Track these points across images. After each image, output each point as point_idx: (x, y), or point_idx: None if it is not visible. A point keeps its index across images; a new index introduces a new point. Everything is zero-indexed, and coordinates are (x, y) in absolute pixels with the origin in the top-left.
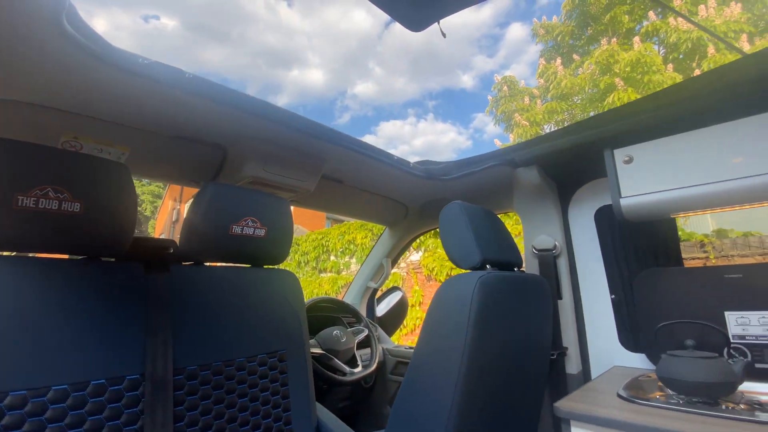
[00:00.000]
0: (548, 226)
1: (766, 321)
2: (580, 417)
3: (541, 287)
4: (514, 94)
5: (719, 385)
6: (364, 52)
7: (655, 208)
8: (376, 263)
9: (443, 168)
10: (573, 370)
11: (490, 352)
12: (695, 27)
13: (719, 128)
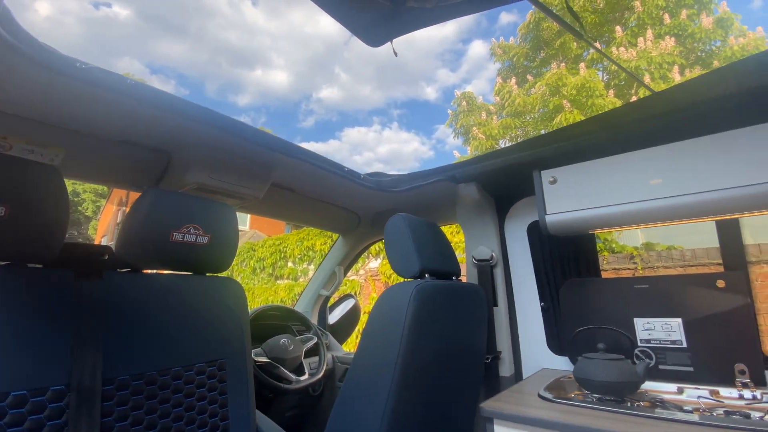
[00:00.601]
0: (487, 238)
1: (668, 327)
2: (502, 416)
3: (477, 295)
4: (473, 109)
5: (624, 384)
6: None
7: (575, 225)
8: (329, 271)
9: (392, 181)
10: (506, 373)
11: (425, 356)
12: (633, 57)
13: (632, 155)
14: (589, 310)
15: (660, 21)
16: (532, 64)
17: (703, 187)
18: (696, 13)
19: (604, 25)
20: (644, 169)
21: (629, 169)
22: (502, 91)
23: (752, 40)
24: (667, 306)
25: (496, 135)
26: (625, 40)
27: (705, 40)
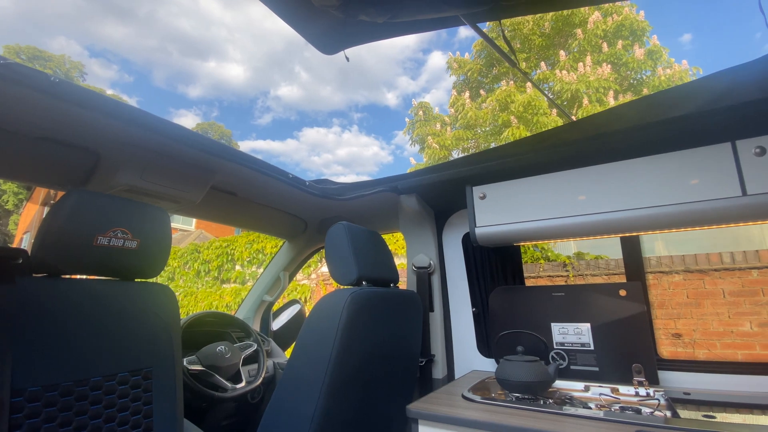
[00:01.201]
0: (426, 247)
1: (579, 331)
2: (427, 416)
3: (413, 301)
4: (429, 119)
5: (538, 384)
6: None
7: (501, 237)
8: (273, 276)
9: (338, 189)
10: (439, 375)
11: (358, 360)
12: (574, 80)
13: (553, 176)
14: (513, 315)
15: (599, 49)
16: (485, 80)
17: (611, 208)
18: (630, 44)
19: (550, 48)
20: (562, 189)
21: (549, 188)
22: (456, 103)
23: (677, 72)
24: (579, 312)
25: (450, 146)
26: (567, 64)
27: (637, 69)
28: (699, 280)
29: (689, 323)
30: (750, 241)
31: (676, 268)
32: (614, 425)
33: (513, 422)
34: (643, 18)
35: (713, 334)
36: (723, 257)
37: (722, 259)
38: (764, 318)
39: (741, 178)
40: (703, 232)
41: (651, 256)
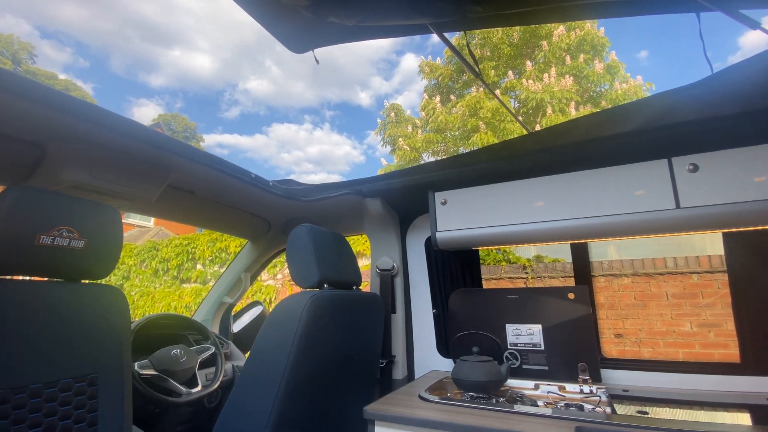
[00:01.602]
0: (390, 249)
1: (530, 332)
2: (383, 417)
3: (375, 303)
4: (400, 121)
5: (490, 383)
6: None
7: (461, 241)
8: (234, 278)
9: (303, 190)
10: (399, 376)
11: (317, 363)
12: (539, 90)
13: (511, 184)
14: (471, 316)
15: (562, 61)
16: (455, 85)
17: (563, 216)
18: (591, 58)
19: (517, 58)
20: (519, 197)
21: (507, 196)
22: (428, 107)
23: (633, 86)
24: (532, 314)
25: (420, 148)
26: (533, 74)
27: (597, 83)
28: (645, 283)
29: (636, 323)
30: (692, 247)
31: (625, 271)
32: (558, 422)
33: (465, 421)
34: (603, 34)
35: (657, 334)
36: (667, 262)
37: (666, 264)
38: (703, 319)
39: (675, 192)
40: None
41: (603, 260)
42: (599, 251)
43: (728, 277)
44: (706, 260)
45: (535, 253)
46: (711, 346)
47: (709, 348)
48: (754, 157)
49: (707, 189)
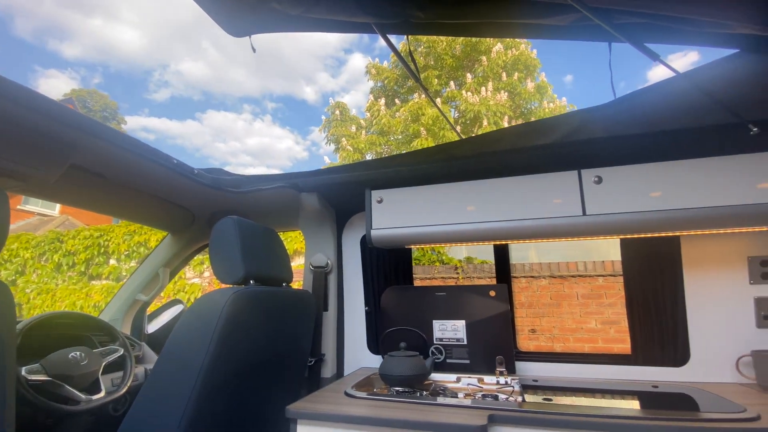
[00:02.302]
0: (325, 246)
1: (455, 327)
2: (304, 416)
3: (305, 301)
4: (345, 120)
5: (415, 377)
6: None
7: (395, 240)
8: (150, 273)
9: (233, 181)
10: (328, 374)
11: (239, 363)
12: (477, 102)
13: (444, 186)
14: (402, 313)
15: (499, 77)
16: (400, 90)
17: (488, 218)
18: (524, 77)
19: (459, 69)
20: (451, 198)
21: (440, 197)
22: (372, 108)
23: (558, 106)
24: (457, 310)
25: (363, 149)
26: (472, 86)
27: (528, 100)
28: (560, 284)
29: (551, 320)
30: (599, 253)
31: (543, 273)
32: (474, 411)
33: (389, 415)
34: (536, 56)
35: (568, 330)
36: (578, 266)
37: (578, 268)
38: (606, 317)
39: (583, 201)
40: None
41: (525, 262)
42: (522, 254)
43: (623, 279)
44: (610, 265)
45: (466, 255)
46: (611, 341)
47: (609, 343)
48: (650, 173)
49: (609, 199)
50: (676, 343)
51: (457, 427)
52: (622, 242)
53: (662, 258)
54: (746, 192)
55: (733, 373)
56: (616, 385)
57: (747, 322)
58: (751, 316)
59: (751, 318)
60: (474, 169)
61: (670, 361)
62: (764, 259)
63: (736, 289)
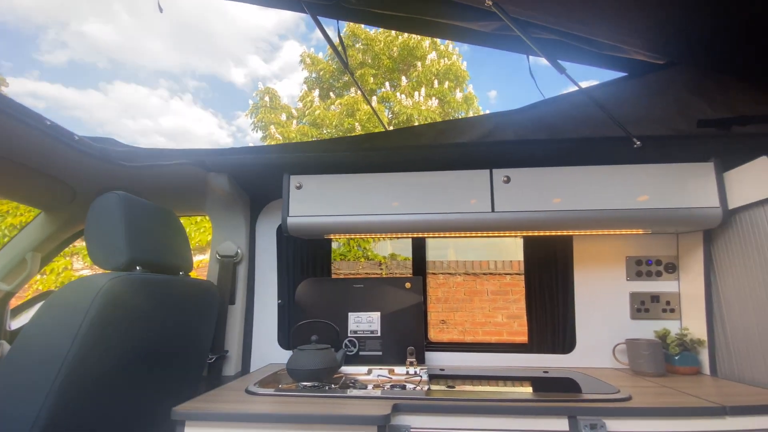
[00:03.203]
0: (235, 234)
1: (370, 319)
2: (194, 416)
3: (206, 293)
4: (275, 107)
5: (324, 370)
6: None
7: (313, 229)
8: (15, 258)
9: (126, 153)
10: (231, 372)
11: (118, 356)
12: (410, 106)
13: (366, 176)
14: (317, 306)
15: (431, 84)
16: (336, 84)
17: (407, 211)
18: (454, 86)
19: (394, 72)
20: (372, 189)
21: (361, 187)
22: (306, 99)
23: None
24: (373, 302)
25: (293, 139)
26: (407, 90)
27: (456, 109)
28: (473, 281)
29: (464, 315)
30: (508, 253)
31: (459, 270)
32: (379, 401)
33: (289, 410)
34: (465, 68)
35: (478, 324)
36: (490, 264)
37: (489, 266)
38: (511, 312)
39: (492, 198)
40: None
41: (443, 260)
42: (441, 253)
43: (524, 275)
44: (517, 264)
45: (391, 252)
46: (515, 334)
47: (513, 335)
48: (552, 176)
49: (515, 198)
50: (565, 333)
51: (360, 418)
52: (525, 240)
53: (557, 256)
54: (628, 198)
55: (611, 359)
56: (513, 372)
57: (623, 314)
58: (626, 309)
59: (626, 310)
60: (396, 161)
61: (559, 348)
62: (638, 259)
63: (616, 284)
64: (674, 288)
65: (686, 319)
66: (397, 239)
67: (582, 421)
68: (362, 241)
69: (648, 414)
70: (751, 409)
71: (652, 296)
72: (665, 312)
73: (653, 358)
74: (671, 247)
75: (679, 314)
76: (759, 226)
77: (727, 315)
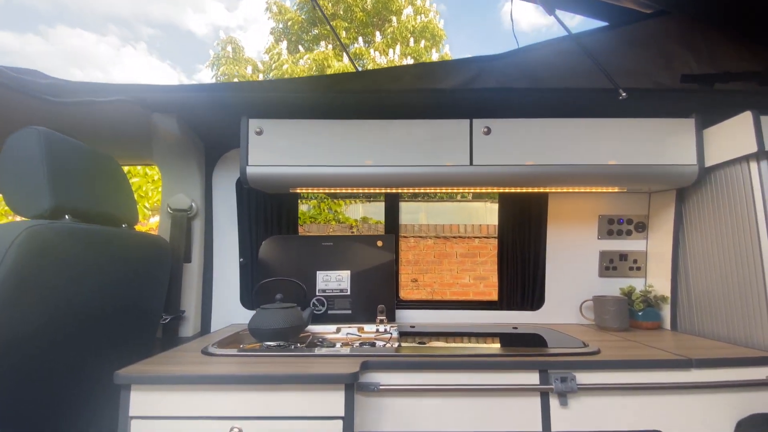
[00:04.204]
0: (189, 185)
1: (339, 278)
2: (141, 380)
3: (155, 248)
4: (238, 59)
5: (289, 329)
6: None
7: (276, 180)
8: None
9: (52, 86)
10: (189, 333)
11: (41, 316)
12: (384, 63)
13: (334, 123)
14: (283, 264)
15: (407, 42)
16: (305, 37)
17: (382, 162)
18: (430, 46)
19: (368, 26)
20: (342, 137)
21: (330, 134)
22: (272, 51)
23: None
24: (343, 261)
25: None
26: (381, 47)
27: None
28: (443, 244)
29: (433, 276)
30: (477, 217)
31: (430, 234)
32: (347, 359)
33: (250, 371)
34: (442, 26)
35: (446, 285)
36: (460, 228)
37: (459, 230)
38: (478, 273)
39: (471, 150)
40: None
41: (415, 223)
42: (413, 216)
43: (498, 233)
44: (486, 228)
45: (363, 215)
46: (480, 294)
47: (478, 296)
48: (532, 128)
49: (495, 151)
50: (534, 290)
51: (327, 377)
52: (501, 198)
53: (532, 214)
54: (606, 154)
55: (578, 316)
56: (483, 328)
57: (592, 272)
58: (595, 267)
59: (595, 268)
60: (370, 106)
61: (528, 305)
62: (611, 218)
63: (587, 243)
64: (642, 247)
65: (651, 276)
66: (370, 202)
67: (553, 374)
68: (333, 204)
69: (617, 366)
70: (716, 361)
71: (621, 254)
72: (632, 270)
73: (619, 313)
74: (643, 207)
75: (644, 272)
76: (733, 185)
77: (692, 273)
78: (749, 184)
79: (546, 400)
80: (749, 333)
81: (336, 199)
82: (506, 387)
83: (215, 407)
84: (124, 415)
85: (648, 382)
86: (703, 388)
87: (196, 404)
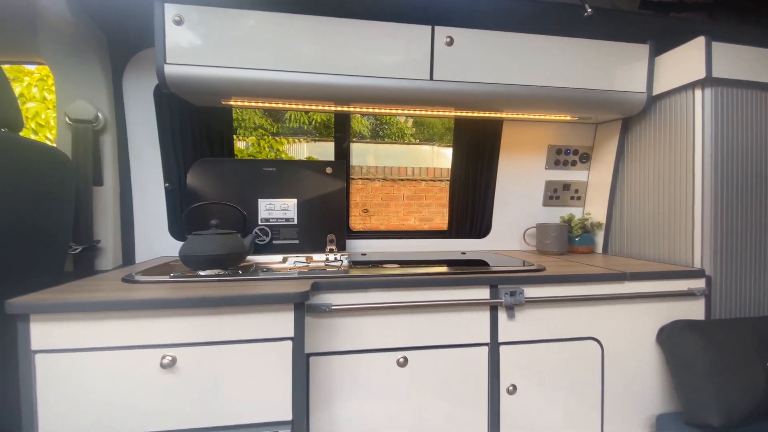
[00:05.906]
0: (91, 90)
1: (285, 207)
2: (42, 308)
3: (54, 163)
4: None
5: (227, 256)
6: None
7: (200, 85)
8: None
9: None
10: (108, 266)
11: None
12: None
13: (276, 16)
14: (217, 191)
15: None
16: None
17: (331, 70)
18: None
19: None
20: (285, 34)
21: (272, 31)
22: None
23: None
24: (288, 188)
25: None
26: None
27: None
28: (391, 186)
29: (380, 218)
30: (425, 160)
31: (378, 176)
32: (298, 281)
33: (181, 294)
34: None
35: (393, 227)
36: (407, 171)
37: (407, 173)
38: (423, 215)
39: (432, 63)
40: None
41: (363, 165)
42: (361, 159)
43: (451, 162)
44: (432, 171)
45: (308, 155)
46: None
47: None
48: (496, 40)
49: (456, 66)
50: (482, 219)
51: (275, 297)
52: (456, 124)
53: (486, 141)
54: (562, 76)
55: (521, 242)
56: (433, 256)
57: (536, 201)
58: (540, 196)
59: (539, 198)
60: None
61: (476, 233)
62: (559, 148)
63: (535, 172)
64: (584, 177)
65: (590, 205)
66: (315, 142)
67: (503, 289)
68: (275, 142)
69: (561, 281)
70: (647, 275)
71: (564, 185)
72: (572, 199)
73: (558, 238)
74: (589, 138)
75: (584, 201)
76: (676, 113)
77: (627, 200)
78: (691, 112)
79: (495, 313)
80: (674, 252)
81: (278, 136)
82: (458, 302)
83: (141, 336)
84: (24, 350)
85: (588, 294)
86: (635, 298)
87: (116, 333)
